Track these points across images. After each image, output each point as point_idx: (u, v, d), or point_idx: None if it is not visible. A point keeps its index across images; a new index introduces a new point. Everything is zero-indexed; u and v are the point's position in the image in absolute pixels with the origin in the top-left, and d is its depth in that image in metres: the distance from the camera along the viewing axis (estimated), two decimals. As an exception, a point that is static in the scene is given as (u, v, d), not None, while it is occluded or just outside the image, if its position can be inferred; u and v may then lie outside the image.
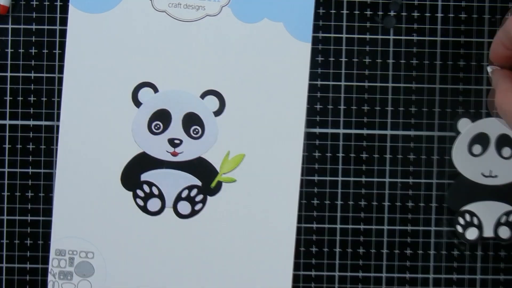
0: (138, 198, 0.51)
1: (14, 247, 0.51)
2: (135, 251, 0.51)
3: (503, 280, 0.52)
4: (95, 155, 0.51)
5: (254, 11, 0.51)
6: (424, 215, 0.52)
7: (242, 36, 0.51)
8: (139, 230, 0.51)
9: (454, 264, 0.52)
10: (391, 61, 0.51)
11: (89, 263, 0.51)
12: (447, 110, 0.51)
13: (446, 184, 0.51)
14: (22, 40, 0.51)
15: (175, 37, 0.51)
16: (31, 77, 0.51)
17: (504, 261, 0.52)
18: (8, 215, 0.51)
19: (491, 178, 0.51)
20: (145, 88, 0.51)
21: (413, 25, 0.51)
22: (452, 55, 0.51)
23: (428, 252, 0.52)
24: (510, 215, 0.51)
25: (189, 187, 0.51)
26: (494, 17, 0.51)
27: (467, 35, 0.51)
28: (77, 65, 0.51)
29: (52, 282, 0.51)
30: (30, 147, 0.51)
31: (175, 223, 0.51)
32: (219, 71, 0.51)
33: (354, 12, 0.51)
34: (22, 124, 0.51)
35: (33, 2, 0.51)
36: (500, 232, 0.51)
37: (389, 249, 0.51)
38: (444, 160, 0.51)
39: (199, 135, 0.51)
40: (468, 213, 0.51)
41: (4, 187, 0.51)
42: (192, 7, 0.51)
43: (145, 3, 0.51)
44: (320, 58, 0.51)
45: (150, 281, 0.51)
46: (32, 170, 0.51)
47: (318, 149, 0.51)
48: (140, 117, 0.51)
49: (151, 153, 0.51)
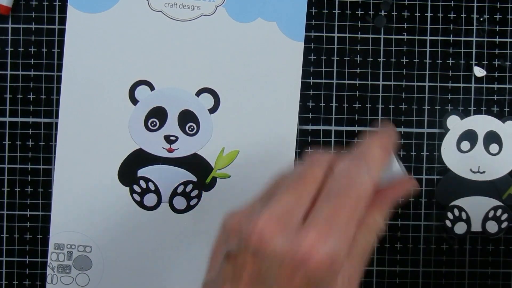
0: (134, 193, 0.52)
1: (13, 241, 0.52)
2: (132, 245, 0.52)
3: (491, 273, 0.52)
4: (93, 151, 0.51)
5: (248, 11, 0.51)
6: (414, 210, 0.52)
7: (237, 35, 0.51)
8: (136, 225, 0.52)
9: (443, 257, 0.52)
10: (382, 59, 0.52)
11: (87, 257, 0.52)
12: (436, 107, 0.52)
13: (436, 179, 0.52)
14: (21, 39, 0.52)
15: (171, 36, 0.51)
16: (30, 75, 0.52)
17: (492, 254, 0.52)
18: (8, 210, 0.52)
19: (479, 174, 0.52)
20: (141, 86, 0.51)
21: (403, 24, 0.52)
22: (441, 54, 0.52)
23: (418, 246, 0.52)
24: (497, 210, 0.52)
25: (185, 183, 0.52)
26: (482, 16, 0.52)
27: (456, 34, 0.52)
28: (75, 64, 0.51)
29: (51, 275, 0.52)
30: (29, 143, 0.52)
31: (171, 217, 0.52)
32: (214, 69, 0.51)
33: (345, 12, 0.52)
34: (21, 121, 0.52)
35: (33, 2, 0.52)
36: (488, 226, 0.52)
37: (379, 243, 0.52)
38: (433, 156, 0.52)
39: (195, 132, 0.52)
40: (457, 208, 0.52)
41: (4, 183, 0.52)
42: (187, 7, 0.51)
43: (142, 3, 0.51)
44: (312, 56, 0.52)
45: (147, 274, 0.52)
46: (32, 166, 0.52)
47: (310, 145, 0.52)
48: (137, 114, 0.52)
49: (147, 149, 0.52)
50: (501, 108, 0.52)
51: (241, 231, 0.37)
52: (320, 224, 0.35)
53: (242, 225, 0.37)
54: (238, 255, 0.37)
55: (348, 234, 0.36)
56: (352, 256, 0.37)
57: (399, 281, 0.52)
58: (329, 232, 0.35)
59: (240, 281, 0.37)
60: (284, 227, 0.36)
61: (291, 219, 0.36)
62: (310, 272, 0.35)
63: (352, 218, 0.36)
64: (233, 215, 0.39)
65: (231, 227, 0.38)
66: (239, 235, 0.37)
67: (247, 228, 0.37)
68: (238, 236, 0.37)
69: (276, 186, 0.39)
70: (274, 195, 0.37)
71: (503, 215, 0.52)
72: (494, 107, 0.52)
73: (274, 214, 0.36)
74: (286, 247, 0.36)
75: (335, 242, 0.35)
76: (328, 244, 0.35)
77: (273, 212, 0.36)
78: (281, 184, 0.39)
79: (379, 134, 0.39)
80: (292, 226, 0.36)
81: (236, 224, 0.38)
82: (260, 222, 0.36)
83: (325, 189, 0.37)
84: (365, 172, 0.37)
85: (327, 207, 0.36)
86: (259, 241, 0.36)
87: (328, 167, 0.38)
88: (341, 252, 0.35)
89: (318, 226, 0.35)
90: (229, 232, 0.38)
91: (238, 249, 0.37)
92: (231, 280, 0.38)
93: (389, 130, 0.39)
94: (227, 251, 0.38)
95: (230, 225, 0.38)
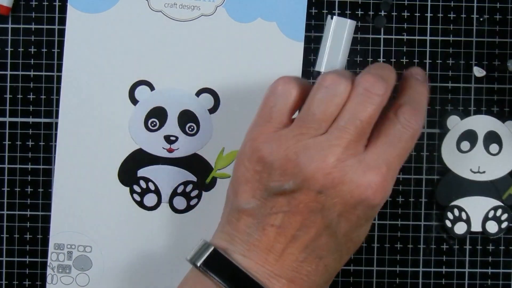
0: (135, 193, 0.52)
1: (13, 241, 0.52)
2: (132, 245, 0.52)
3: (491, 273, 0.52)
4: (93, 151, 0.51)
5: (248, 11, 0.51)
6: (414, 210, 0.52)
7: (237, 35, 0.51)
8: (136, 225, 0.52)
9: (443, 258, 0.52)
10: (382, 60, 0.52)
11: (87, 257, 0.52)
12: (436, 107, 0.52)
13: (436, 179, 0.52)
14: (21, 39, 0.52)
15: (171, 36, 0.51)
16: (30, 75, 0.52)
17: (492, 255, 0.52)
18: (8, 210, 0.52)
19: (479, 174, 0.52)
20: (141, 86, 0.52)
21: (403, 24, 0.52)
22: (441, 54, 0.52)
23: (418, 246, 0.52)
24: (497, 210, 0.52)
25: (185, 183, 0.52)
26: (482, 16, 0.52)
27: (456, 35, 0.52)
28: (75, 64, 0.51)
29: (51, 275, 0.52)
30: (29, 143, 0.52)
31: (171, 217, 0.52)
32: (214, 69, 0.52)
33: (345, 12, 0.52)
34: (21, 121, 0.52)
35: (33, 2, 0.52)
36: (488, 226, 0.52)
37: (379, 243, 0.52)
38: (433, 157, 0.52)
39: (195, 132, 0.52)
40: (457, 208, 0.52)
41: (4, 183, 0.52)
42: (187, 7, 0.51)
43: (142, 3, 0.51)
44: (312, 57, 0.52)
45: (146, 274, 0.52)
46: (32, 166, 0.52)
47: (310, 145, 0.52)
48: (137, 115, 0.52)
49: (147, 149, 0.52)
50: (501, 108, 0.52)
51: (301, 170, 0.40)
52: (381, 167, 0.41)
53: (302, 165, 0.40)
54: (296, 191, 0.41)
55: (396, 172, 0.42)
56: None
57: (399, 281, 0.52)
58: (388, 173, 0.41)
59: (297, 213, 0.41)
60: (349, 168, 0.40)
61: (354, 156, 0.41)
62: (370, 206, 0.41)
63: (402, 162, 0.42)
64: (271, 146, 0.41)
65: (281, 164, 0.41)
66: (299, 175, 0.40)
67: (311, 168, 0.40)
68: (296, 175, 0.40)
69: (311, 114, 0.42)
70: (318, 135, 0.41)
71: (503, 215, 0.52)
72: (494, 107, 0.52)
73: (336, 155, 0.40)
74: (352, 186, 0.40)
75: (392, 183, 0.42)
76: (388, 185, 0.41)
77: (335, 153, 0.40)
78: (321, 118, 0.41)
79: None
80: (356, 164, 0.40)
81: (289, 162, 0.40)
82: (328, 163, 0.40)
83: (383, 132, 0.42)
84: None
85: (385, 153, 0.41)
86: (329, 181, 0.40)
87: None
88: (391, 188, 0.42)
89: (381, 169, 0.41)
90: (279, 170, 0.41)
91: (297, 187, 0.41)
92: (286, 212, 0.41)
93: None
94: (281, 189, 0.41)
95: (279, 161, 0.41)
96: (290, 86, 0.42)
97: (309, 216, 0.41)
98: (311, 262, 0.42)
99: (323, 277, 0.42)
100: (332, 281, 0.44)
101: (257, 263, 0.41)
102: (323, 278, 0.43)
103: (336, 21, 0.49)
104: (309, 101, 0.42)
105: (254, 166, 0.41)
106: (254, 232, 0.42)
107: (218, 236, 0.44)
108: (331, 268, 0.43)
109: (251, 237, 0.42)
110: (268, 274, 0.41)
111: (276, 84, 0.43)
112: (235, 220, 0.42)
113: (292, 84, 0.42)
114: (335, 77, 0.41)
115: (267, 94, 0.43)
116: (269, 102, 0.43)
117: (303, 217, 0.41)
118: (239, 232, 0.42)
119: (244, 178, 0.42)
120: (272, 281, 0.41)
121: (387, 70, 0.42)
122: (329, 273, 0.43)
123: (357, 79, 0.41)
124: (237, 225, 0.42)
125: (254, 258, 0.41)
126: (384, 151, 0.41)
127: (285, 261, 0.41)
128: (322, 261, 0.42)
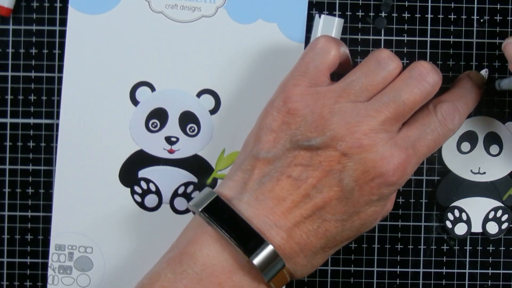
0: (135, 194, 0.52)
1: (15, 242, 0.52)
2: (133, 246, 0.52)
3: (491, 274, 0.52)
4: (94, 152, 0.51)
5: (248, 12, 0.52)
6: (415, 211, 0.52)
7: (237, 36, 0.52)
8: (137, 226, 0.52)
9: (443, 258, 0.53)
10: (382, 61, 0.52)
11: (88, 257, 0.52)
12: (436, 108, 0.52)
13: (436, 180, 0.52)
14: (22, 40, 0.52)
15: (172, 37, 0.52)
16: (31, 77, 0.52)
17: (492, 255, 0.52)
18: (9, 211, 0.52)
19: (479, 174, 0.52)
20: (142, 87, 0.52)
21: (404, 25, 0.52)
22: (442, 55, 0.52)
23: (419, 247, 0.52)
24: (498, 211, 0.52)
25: (186, 184, 0.52)
26: (482, 17, 0.52)
27: (456, 36, 0.52)
28: (76, 65, 0.51)
29: (52, 276, 0.52)
30: (30, 144, 0.52)
31: (171, 218, 0.52)
32: (215, 70, 0.52)
33: (346, 13, 0.52)
34: (22, 122, 0.52)
35: (34, 3, 0.52)
36: (488, 227, 0.52)
37: (380, 244, 0.52)
38: (433, 157, 0.52)
39: (195, 133, 0.52)
40: (457, 209, 0.52)
41: (5, 184, 0.52)
42: (188, 9, 0.52)
43: (143, 4, 0.51)
44: (313, 58, 0.52)
45: (148, 275, 0.52)
46: (33, 167, 0.52)
47: (311, 146, 0.52)
48: (138, 116, 0.52)
49: (148, 150, 0.52)
50: (502, 109, 0.52)
51: (332, 129, 0.41)
52: (408, 148, 0.42)
53: (334, 124, 0.41)
54: (321, 148, 0.41)
55: (420, 160, 0.43)
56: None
57: (399, 282, 0.52)
58: (413, 157, 0.42)
59: (317, 170, 0.42)
60: (379, 140, 0.41)
61: (387, 132, 0.42)
62: (386, 183, 0.42)
63: (429, 153, 0.44)
64: (306, 100, 0.42)
65: (313, 119, 0.42)
66: (329, 133, 0.41)
67: (343, 129, 0.41)
68: (325, 133, 0.41)
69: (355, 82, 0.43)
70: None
71: (503, 216, 0.52)
72: (494, 108, 0.52)
73: (370, 125, 0.41)
74: (377, 157, 0.41)
75: (413, 168, 0.43)
76: (409, 167, 0.42)
77: (369, 123, 0.41)
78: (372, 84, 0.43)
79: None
80: (386, 138, 0.41)
81: (322, 119, 0.41)
82: (360, 128, 0.41)
83: (419, 121, 0.43)
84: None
85: (415, 139, 0.43)
86: (357, 146, 0.41)
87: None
88: (410, 173, 0.43)
89: (408, 150, 0.42)
90: (311, 124, 0.42)
91: (324, 145, 0.41)
92: (306, 166, 0.42)
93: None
94: (307, 144, 0.41)
95: (313, 116, 0.42)
96: (330, 45, 0.44)
97: (328, 175, 0.41)
98: (314, 222, 0.42)
99: (320, 241, 0.42)
100: (328, 257, 0.45)
101: (262, 213, 0.41)
102: (320, 243, 0.43)
103: (324, 20, 0.50)
104: (358, 68, 0.43)
105: (284, 117, 0.42)
106: (268, 181, 0.42)
107: (225, 183, 0.44)
108: (330, 235, 0.43)
109: (263, 186, 0.42)
110: (270, 226, 0.41)
111: (317, 41, 0.44)
112: (250, 168, 0.43)
113: (332, 43, 0.44)
114: (390, 54, 0.43)
115: (306, 49, 0.45)
116: (307, 57, 0.44)
117: (321, 175, 0.41)
118: (251, 180, 0.42)
119: (270, 127, 0.43)
120: (272, 232, 0.41)
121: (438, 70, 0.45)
122: (327, 239, 0.43)
123: (414, 63, 0.43)
124: (251, 173, 0.43)
125: (260, 207, 0.42)
126: (415, 137, 0.42)
127: (290, 213, 0.42)
128: (324, 224, 0.42)
